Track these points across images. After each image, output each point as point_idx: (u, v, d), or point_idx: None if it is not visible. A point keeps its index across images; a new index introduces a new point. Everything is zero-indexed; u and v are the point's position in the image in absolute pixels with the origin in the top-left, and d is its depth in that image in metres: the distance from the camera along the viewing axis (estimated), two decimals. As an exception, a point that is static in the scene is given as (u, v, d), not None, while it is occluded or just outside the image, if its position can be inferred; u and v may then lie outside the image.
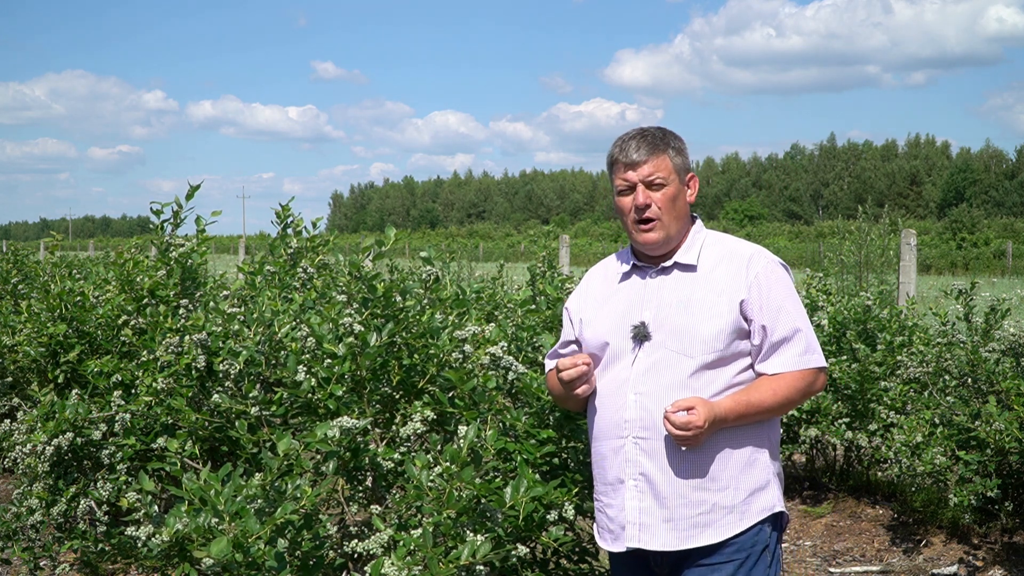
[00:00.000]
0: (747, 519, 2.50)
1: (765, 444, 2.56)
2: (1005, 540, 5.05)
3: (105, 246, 30.18)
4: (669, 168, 2.58)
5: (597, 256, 27.90)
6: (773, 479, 2.57)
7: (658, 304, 2.56)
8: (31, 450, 3.59)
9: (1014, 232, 45.25)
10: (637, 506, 2.52)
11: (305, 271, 4.16)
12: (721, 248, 2.62)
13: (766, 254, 2.60)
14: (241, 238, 26.86)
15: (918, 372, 5.27)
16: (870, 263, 10.30)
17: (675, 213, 2.58)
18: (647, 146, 2.57)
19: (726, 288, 2.52)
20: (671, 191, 2.57)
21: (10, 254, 7.76)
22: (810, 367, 2.53)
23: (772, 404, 2.49)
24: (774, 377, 2.50)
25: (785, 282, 2.56)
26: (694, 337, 2.48)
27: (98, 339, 4.57)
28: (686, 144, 2.67)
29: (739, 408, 2.45)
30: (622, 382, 2.55)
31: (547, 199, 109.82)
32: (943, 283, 12.05)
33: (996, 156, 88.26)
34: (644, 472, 2.51)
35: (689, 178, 2.65)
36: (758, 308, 2.50)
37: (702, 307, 2.51)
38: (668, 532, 2.49)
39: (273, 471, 2.72)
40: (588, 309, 2.72)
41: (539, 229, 12.47)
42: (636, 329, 2.54)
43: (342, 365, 3.20)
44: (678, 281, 2.58)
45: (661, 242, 2.58)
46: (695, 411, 2.37)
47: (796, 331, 2.51)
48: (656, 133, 2.61)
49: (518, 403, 3.36)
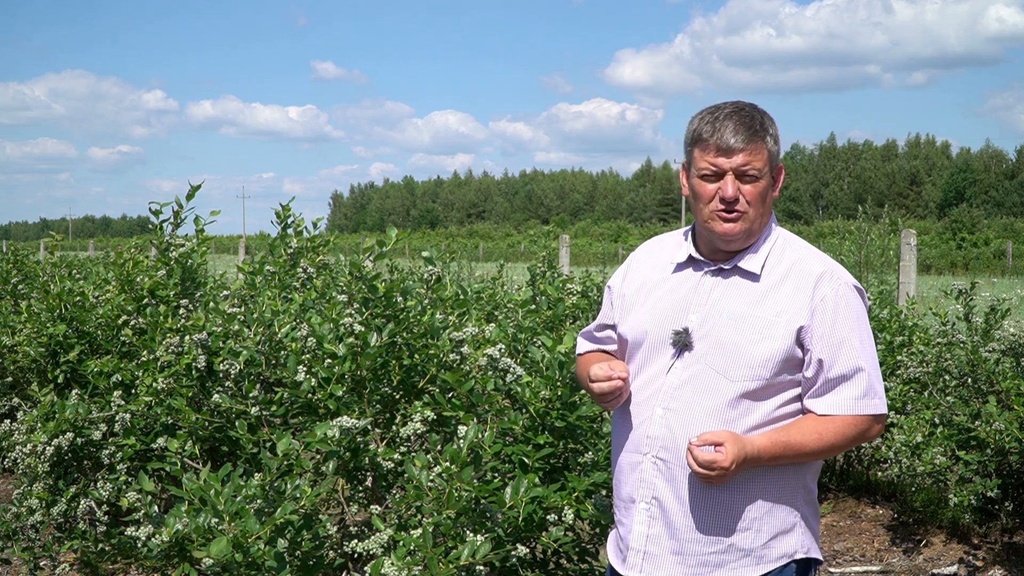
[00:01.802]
0: (764, 565, 2.23)
1: (800, 485, 2.28)
2: (1005, 540, 5.05)
3: (105, 246, 30.19)
4: (765, 159, 2.24)
5: (597, 256, 27.84)
6: (800, 522, 2.28)
7: (707, 310, 2.27)
8: (31, 450, 3.59)
9: (1014, 232, 45.27)
10: (645, 532, 2.28)
11: (305, 271, 4.16)
12: (791, 258, 2.29)
13: (839, 274, 2.26)
14: (241, 238, 26.87)
15: (918, 372, 5.27)
16: (870, 263, 10.30)
17: (763, 209, 2.28)
18: (746, 131, 2.22)
19: (786, 309, 2.21)
20: (763, 185, 2.25)
21: (10, 254, 7.76)
22: (866, 413, 2.21)
23: (814, 449, 2.19)
24: (822, 419, 2.20)
25: (856, 311, 2.23)
26: (739, 358, 2.19)
27: (98, 339, 4.58)
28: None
29: (775, 449, 2.16)
30: (652, 392, 2.29)
31: (547, 199, 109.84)
32: (943, 283, 12.05)
33: (996, 156, 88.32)
34: (658, 496, 2.26)
35: (777, 170, 2.32)
36: (818, 338, 2.19)
37: (755, 326, 2.21)
38: (675, 566, 2.25)
39: (273, 471, 2.72)
40: (631, 294, 2.43)
41: (539, 229, 12.48)
42: (678, 336, 2.26)
43: (342, 365, 3.20)
44: (735, 289, 2.28)
45: (742, 235, 2.26)
46: (723, 449, 2.09)
47: (857, 370, 2.19)
48: (755, 115, 2.26)
49: (516, 404, 3.36)
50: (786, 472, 2.24)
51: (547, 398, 3.09)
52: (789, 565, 2.26)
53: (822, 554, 5.22)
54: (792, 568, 2.26)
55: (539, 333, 3.71)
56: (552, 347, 3.20)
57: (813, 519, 2.33)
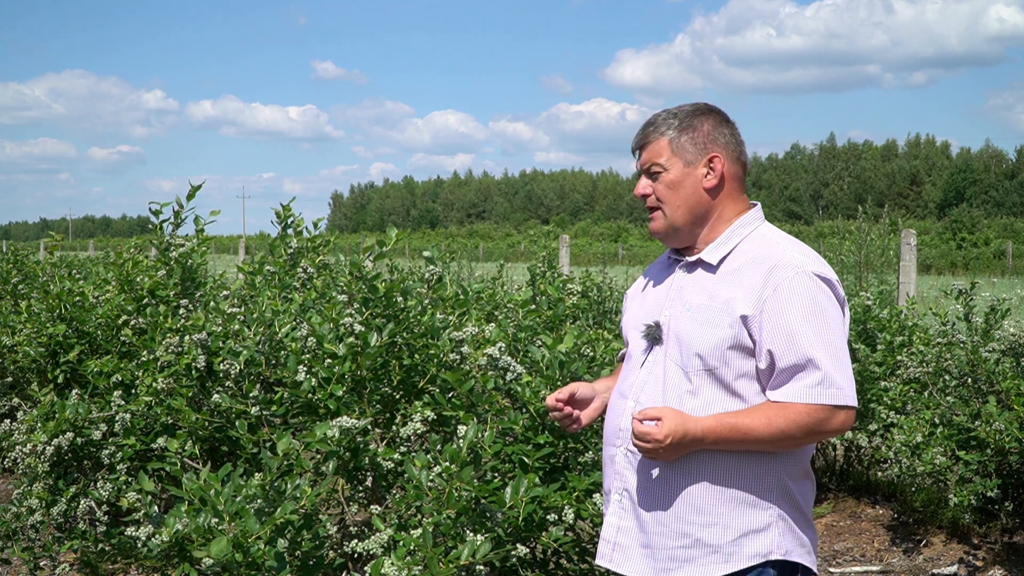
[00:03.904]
0: (733, 562, 2.18)
1: (773, 482, 2.21)
2: (1005, 540, 5.05)
3: (105, 246, 30.19)
4: (666, 152, 2.29)
5: (597, 256, 27.84)
6: (777, 522, 2.21)
7: (674, 304, 2.31)
8: (31, 450, 3.59)
9: (1014, 232, 45.26)
10: (616, 524, 2.31)
11: (305, 271, 4.16)
12: (757, 249, 2.26)
13: (798, 263, 2.20)
14: (241, 238, 26.87)
15: (918, 372, 5.26)
16: (870, 263, 10.29)
17: (680, 201, 2.29)
18: (641, 132, 2.35)
19: (734, 298, 2.20)
20: (672, 177, 2.28)
21: (10, 254, 7.76)
22: (820, 402, 2.12)
23: (762, 434, 2.13)
24: (775, 405, 2.15)
25: (811, 299, 2.16)
26: (691, 348, 2.22)
27: (98, 339, 4.58)
28: (718, 119, 2.33)
29: (721, 430, 2.13)
30: (628, 385, 2.35)
31: (547, 199, 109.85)
32: (943, 283, 12.05)
33: (996, 156, 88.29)
34: (628, 488, 2.29)
35: (709, 159, 2.29)
36: (768, 328, 2.15)
37: (705, 315, 2.22)
38: (644, 559, 2.25)
39: (273, 471, 2.72)
40: (633, 297, 2.52)
41: (539, 229, 12.49)
42: (648, 330, 2.32)
43: (343, 365, 3.20)
44: (696, 281, 2.30)
45: (665, 233, 2.33)
46: (660, 423, 2.10)
47: (809, 360, 2.12)
48: (661, 115, 2.35)
49: (516, 403, 3.36)
50: (757, 467, 2.20)
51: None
52: (765, 568, 2.20)
53: (822, 554, 5.24)
54: (770, 572, 2.20)
55: (539, 333, 3.71)
56: (552, 346, 3.20)
57: (799, 521, 2.26)
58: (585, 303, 5.46)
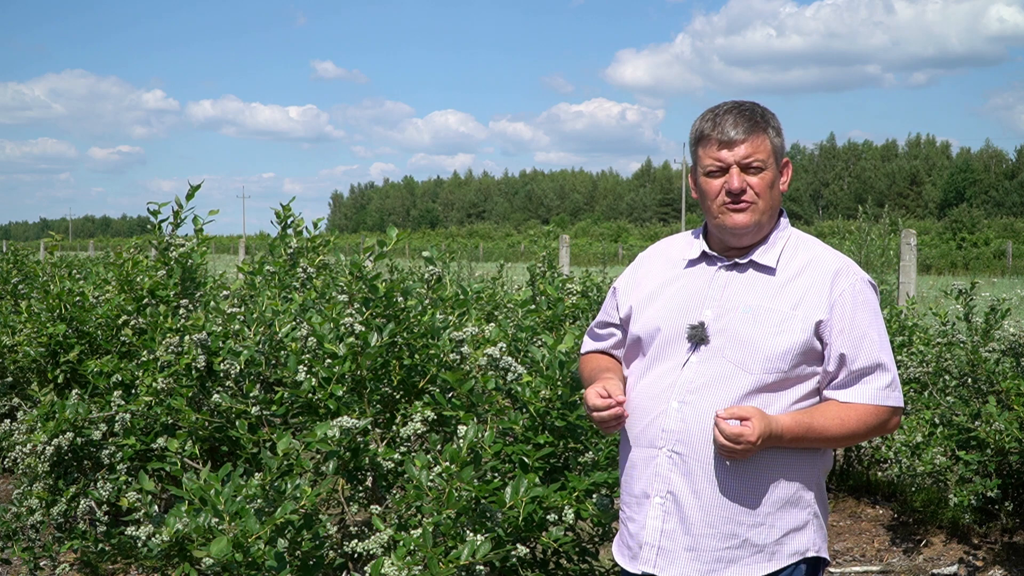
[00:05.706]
0: (776, 561, 2.22)
1: (813, 481, 2.28)
2: (1005, 540, 5.05)
3: (105, 246, 30.18)
4: (768, 150, 2.27)
5: (597, 256, 27.83)
6: (813, 520, 2.28)
7: (722, 305, 2.28)
8: (31, 450, 3.59)
9: (1014, 232, 45.25)
10: (659, 527, 2.26)
11: (305, 271, 4.16)
12: (806, 254, 2.31)
13: (855, 270, 2.29)
14: (241, 238, 26.87)
15: (918, 372, 5.26)
16: (870, 263, 10.29)
17: (770, 200, 2.29)
18: (746, 123, 2.26)
19: (804, 302, 2.23)
20: (769, 176, 2.28)
21: (10, 254, 7.77)
22: (888, 404, 2.24)
23: (836, 434, 2.20)
24: (845, 406, 2.22)
25: (872, 306, 2.26)
26: (757, 351, 2.20)
27: (98, 339, 4.58)
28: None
29: (798, 430, 2.17)
30: (667, 386, 2.28)
31: (547, 199, 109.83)
32: (943, 283, 12.05)
33: (996, 156, 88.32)
34: (673, 491, 2.25)
35: (784, 164, 2.35)
36: (838, 332, 2.21)
37: (772, 319, 2.22)
38: (689, 562, 2.23)
39: (273, 471, 2.72)
40: (640, 295, 2.43)
41: (539, 229, 12.48)
42: (694, 330, 2.26)
43: (343, 365, 3.20)
44: (750, 283, 2.29)
45: (752, 227, 2.28)
46: (749, 423, 2.10)
47: (879, 364, 2.22)
48: (755, 108, 2.31)
49: (517, 403, 3.36)
50: (802, 467, 2.25)
51: (547, 398, 3.08)
52: (800, 564, 2.25)
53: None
54: (803, 567, 2.26)
55: (539, 333, 3.71)
56: (552, 346, 3.20)
57: (824, 518, 2.33)
58: (585, 303, 5.46)
